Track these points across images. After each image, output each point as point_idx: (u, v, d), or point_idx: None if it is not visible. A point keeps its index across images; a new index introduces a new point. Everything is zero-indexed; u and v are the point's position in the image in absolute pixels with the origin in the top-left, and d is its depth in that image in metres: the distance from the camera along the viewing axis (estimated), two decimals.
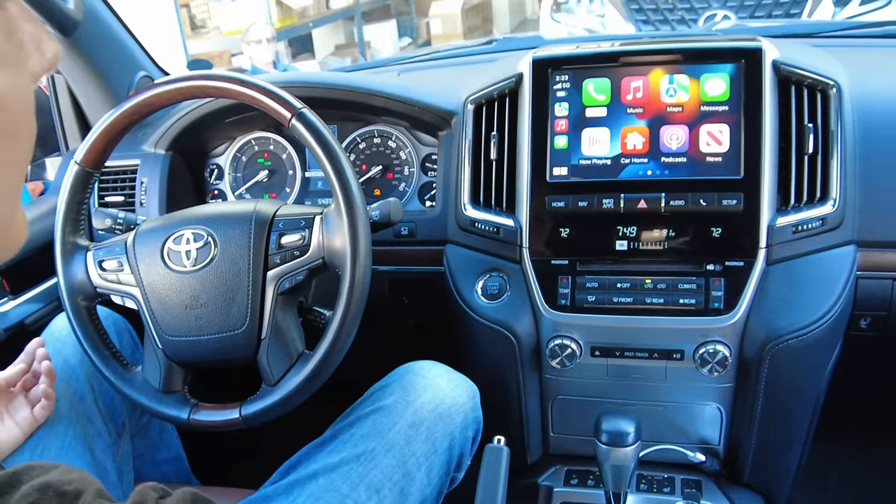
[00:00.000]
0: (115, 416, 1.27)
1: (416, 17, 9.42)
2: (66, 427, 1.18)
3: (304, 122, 1.07)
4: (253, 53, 5.40)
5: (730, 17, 4.80)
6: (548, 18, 5.44)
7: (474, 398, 1.24)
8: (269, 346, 1.11)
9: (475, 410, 1.23)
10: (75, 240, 1.17)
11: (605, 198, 1.26)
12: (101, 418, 1.23)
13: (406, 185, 1.56)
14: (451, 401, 1.19)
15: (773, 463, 1.41)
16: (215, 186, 1.67)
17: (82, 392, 1.22)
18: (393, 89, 1.46)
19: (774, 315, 1.23)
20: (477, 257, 1.36)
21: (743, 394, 1.33)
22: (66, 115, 1.68)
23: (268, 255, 1.10)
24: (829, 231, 1.23)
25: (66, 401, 1.20)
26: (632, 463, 1.22)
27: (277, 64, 5.53)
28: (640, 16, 4.99)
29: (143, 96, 1.13)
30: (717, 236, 1.23)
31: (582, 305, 1.28)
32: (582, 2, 5.26)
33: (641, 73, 1.28)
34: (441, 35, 8.97)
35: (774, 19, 4.71)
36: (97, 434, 1.21)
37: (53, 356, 1.23)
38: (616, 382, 1.37)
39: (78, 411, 1.20)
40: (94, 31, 1.54)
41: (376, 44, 8.30)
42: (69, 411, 1.19)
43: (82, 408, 1.21)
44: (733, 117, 1.24)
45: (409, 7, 9.45)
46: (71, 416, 1.19)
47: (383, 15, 8.94)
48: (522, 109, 1.32)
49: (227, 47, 7.00)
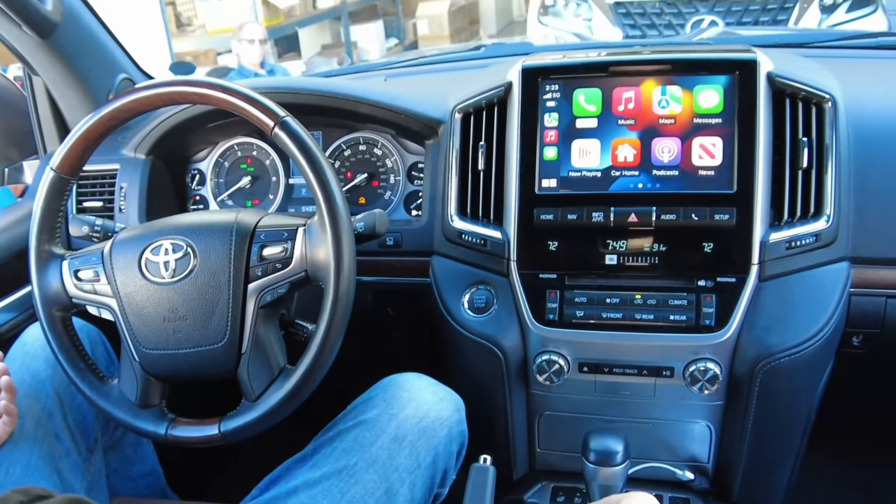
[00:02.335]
0: (87, 431, 1.23)
1: (402, 18, 9.41)
2: (32, 446, 1.14)
3: (287, 130, 1.05)
4: (242, 52, 5.35)
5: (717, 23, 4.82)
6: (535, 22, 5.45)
7: (459, 411, 1.22)
8: (250, 360, 1.08)
9: (460, 424, 1.21)
10: (51, 248, 1.14)
11: (594, 211, 1.24)
12: (70, 435, 1.20)
13: (392, 194, 1.54)
14: (435, 414, 1.17)
15: (763, 481, 1.39)
16: (197, 192, 1.63)
17: (51, 408, 1.19)
18: (379, 97, 1.44)
19: (766, 332, 1.21)
20: (463, 269, 1.34)
21: (733, 412, 1.32)
22: (44, 118, 1.64)
23: (249, 268, 1.07)
24: (822, 247, 1.22)
25: (33, 418, 1.17)
26: (620, 482, 1.21)
27: (264, 64, 5.49)
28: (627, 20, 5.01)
29: (122, 101, 1.10)
30: (709, 252, 1.22)
31: (570, 320, 1.27)
32: (569, 5, 5.27)
33: (633, 83, 1.26)
34: (428, 36, 8.97)
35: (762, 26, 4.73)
36: (65, 452, 1.18)
37: (21, 370, 1.20)
38: (604, 399, 1.36)
39: (45, 429, 1.17)
40: (73, 32, 1.51)
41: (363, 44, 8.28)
42: (36, 429, 1.16)
43: (50, 425, 1.18)
44: (727, 130, 1.23)
45: (396, 8, 9.45)
46: (38, 435, 1.15)
47: (370, 15, 8.93)
48: (511, 119, 1.30)
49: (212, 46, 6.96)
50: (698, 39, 1.97)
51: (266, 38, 5.55)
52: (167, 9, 6.84)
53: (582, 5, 5.23)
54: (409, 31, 9.30)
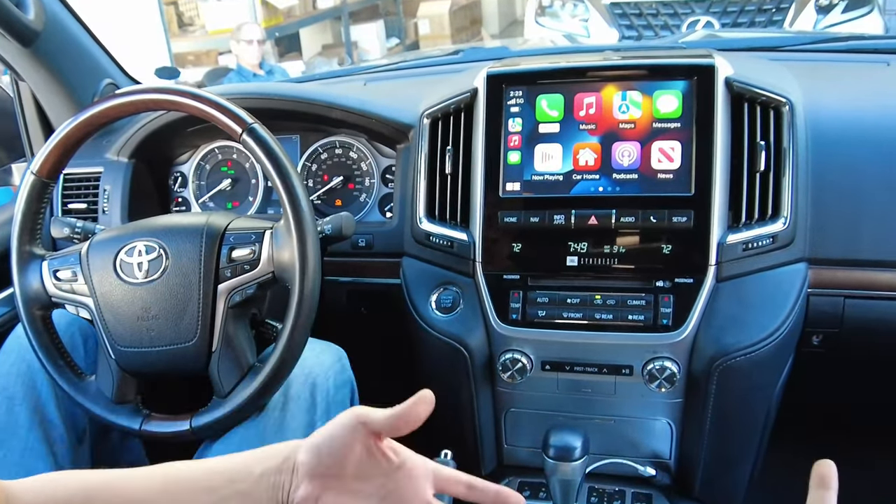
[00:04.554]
0: (76, 421, 1.27)
1: (403, 18, 9.41)
2: (29, 431, 1.18)
3: (254, 137, 1.08)
4: (241, 52, 5.39)
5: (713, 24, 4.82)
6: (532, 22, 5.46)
7: (341, 360, 1.28)
8: (220, 358, 1.12)
9: (344, 371, 1.27)
10: (31, 249, 1.18)
11: (556, 213, 1.27)
12: (63, 423, 1.23)
13: (367, 196, 1.57)
14: (319, 368, 1.23)
15: (724, 477, 1.41)
16: (179, 194, 1.67)
17: (45, 397, 1.23)
18: (351, 102, 1.47)
19: (723, 332, 1.23)
20: (432, 270, 1.37)
21: (692, 409, 1.34)
22: (30, 122, 1.68)
23: (218, 269, 1.12)
24: (779, 248, 1.24)
25: (30, 405, 1.20)
26: (579, 477, 1.22)
27: (263, 64, 5.53)
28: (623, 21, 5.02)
29: (98, 108, 1.14)
30: (667, 253, 1.24)
31: (533, 320, 1.29)
32: (566, 6, 5.28)
33: (595, 89, 1.29)
34: (429, 36, 8.97)
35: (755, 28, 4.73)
36: (59, 438, 1.22)
37: (18, 362, 1.23)
38: (567, 396, 1.38)
39: (42, 415, 1.21)
40: (56, 40, 1.54)
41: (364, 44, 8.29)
42: (32, 415, 1.20)
43: (45, 412, 1.22)
44: (685, 134, 1.25)
45: (397, 7, 9.44)
46: (34, 420, 1.20)
47: (371, 15, 8.93)
48: (477, 124, 1.33)
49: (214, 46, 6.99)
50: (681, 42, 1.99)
51: (264, 38, 5.58)
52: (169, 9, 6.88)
53: (579, 6, 5.24)
54: (410, 31, 9.31)
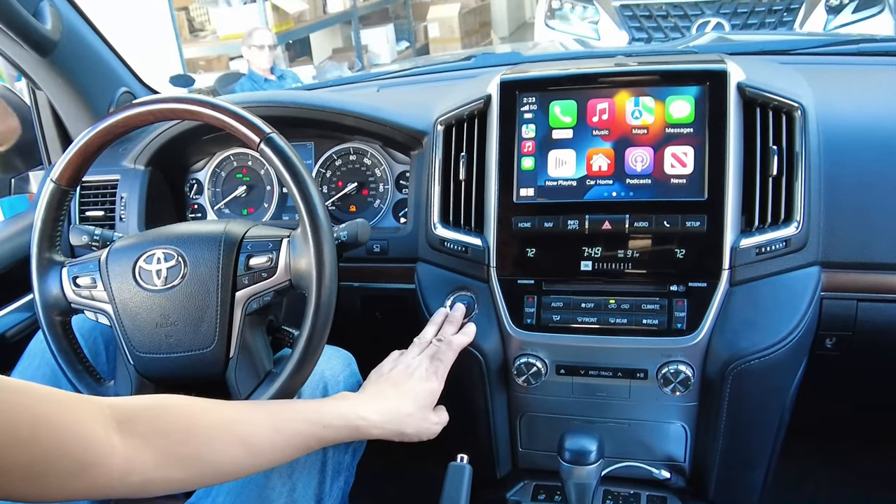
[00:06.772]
0: None
1: (413, 21, 9.42)
2: None
3: (272, 146, 1.09)
4: (252, 58, 5.42)
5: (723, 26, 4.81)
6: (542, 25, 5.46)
7: (350, 365, 1.30)
8: (238, 364, 1.13)
9: (353, 376, 1.29)
10: (51, 256, 1.19)
11: (570, 219, 1.28)
12: None
13: (381, 202, 1.58)
14: (329, 373, 1.24)
15: (739, 480, 1.42)
16: (195, 201, 1.68)
17: None
18: (365, 109, 1.48)
19: (737, 336, 1.24)
20: (446, 276, 1.38)
21: (706, 412, 1.34)
22: (47, 130, 1.70)
23: (236, 276, 1.13)
24: (792, 252, 1.24)
25: None
26: (594, 480, 1.24)
27: (274, 69, 5.55)
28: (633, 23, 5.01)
29: (117, 118, 1.15)
30: (681, 257, 1.24)
31: (547, 325, 1.30)
32: (576, 9, 5.28)
33: (607, 95, 1.30)
34: (439, 39, 8.98)
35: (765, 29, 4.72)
36: None
37: (42, 365, 1.26)
38: (581, 400, 1.39)
39: None
40: (73, 49, 1.56)
41: (374, 48, 8.31)
42: None
43: None
44: (698, 139, 1.26)
45: (406, 11, 9.45)
46: None
47: (381, 19, 8.94)
48: (490, 131, 1.34)
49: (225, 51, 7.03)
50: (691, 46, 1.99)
51: (275, 43, 5.60)
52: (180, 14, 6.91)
53: (588, 8, 5.23)
54: (419, 35, 9.31)
